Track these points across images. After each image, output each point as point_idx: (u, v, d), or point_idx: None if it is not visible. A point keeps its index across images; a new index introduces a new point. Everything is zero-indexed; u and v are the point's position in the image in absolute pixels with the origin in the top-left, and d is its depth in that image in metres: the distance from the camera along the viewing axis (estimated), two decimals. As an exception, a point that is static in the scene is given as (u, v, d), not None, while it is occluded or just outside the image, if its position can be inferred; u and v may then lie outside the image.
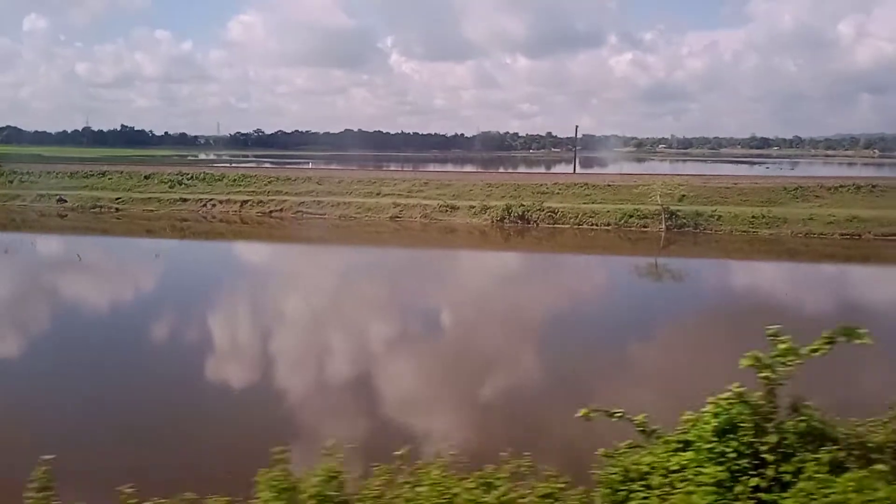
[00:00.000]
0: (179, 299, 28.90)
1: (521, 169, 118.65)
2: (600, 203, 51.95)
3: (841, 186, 53.44)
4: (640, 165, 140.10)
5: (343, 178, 57.49)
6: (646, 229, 48.18)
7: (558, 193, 54.42)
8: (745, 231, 47.13)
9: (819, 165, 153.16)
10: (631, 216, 48.86)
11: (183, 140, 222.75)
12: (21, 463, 5.95)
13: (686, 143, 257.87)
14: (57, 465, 5.48)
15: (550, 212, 49.54)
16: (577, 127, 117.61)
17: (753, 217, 47.97)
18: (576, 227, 48.94)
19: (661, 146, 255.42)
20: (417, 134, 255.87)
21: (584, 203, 52.11)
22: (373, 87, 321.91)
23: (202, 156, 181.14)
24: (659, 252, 44.02)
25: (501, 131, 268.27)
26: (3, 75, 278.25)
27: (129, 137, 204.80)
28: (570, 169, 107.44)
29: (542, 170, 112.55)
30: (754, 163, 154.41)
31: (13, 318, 25.45)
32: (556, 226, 49.05)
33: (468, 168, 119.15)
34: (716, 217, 48.31)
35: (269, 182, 55.08)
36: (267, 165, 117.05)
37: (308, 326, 24.85)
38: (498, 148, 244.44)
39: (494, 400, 17.24)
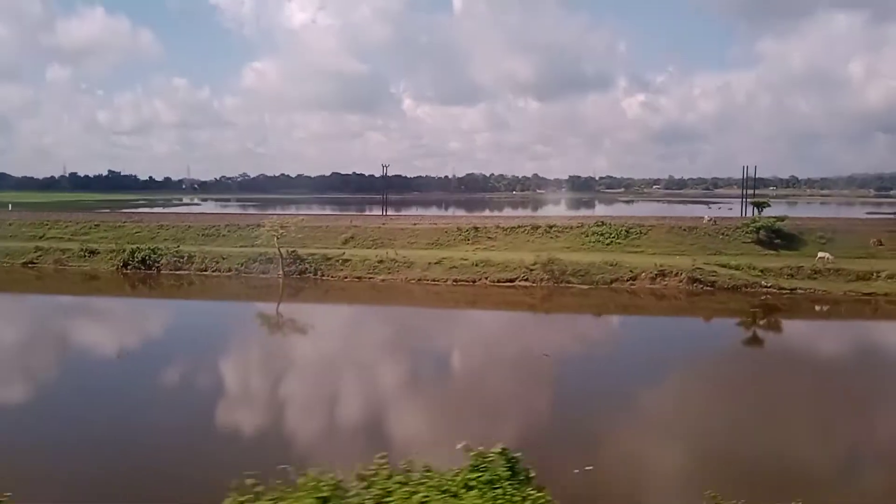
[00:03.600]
0: None
1: (459, 212, 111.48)
2: (255, 247, 47.64)
3: (518, 227, 47.43)
4: (557, 207, 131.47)
5: (14, 220, 55.48)
6: (265, 275, 43.52)
7: (224, 236, 50.63)
8: (360, 277, 41.82)
9: (781, 206, 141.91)
10: (254, 261, 44.42)
11: (167, 184, 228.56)
12: None
13: (681, 184, 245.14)
14: None
15: (177, 256, 45.73)
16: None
17: (379, 262, 42.59)
18: (200, 272, 44.84)
19: (654, 187, 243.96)
20: (401, 176, 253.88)
21: (238, 247, 47.98)
22: (387, 130, 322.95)
23: (187, 199, 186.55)
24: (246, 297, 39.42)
25: (514, 174, 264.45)
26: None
27: (113, 183, 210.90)
28: (446, 212, 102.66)
29: (460, 212, 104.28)
30: (717, 203, 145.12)
31: None
32: (179, 271, 45.10)
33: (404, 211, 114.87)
34: (340, 262, 43.21)
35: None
36: (197, 209, 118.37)
37: None
38: (481, 190, 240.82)
39: None
